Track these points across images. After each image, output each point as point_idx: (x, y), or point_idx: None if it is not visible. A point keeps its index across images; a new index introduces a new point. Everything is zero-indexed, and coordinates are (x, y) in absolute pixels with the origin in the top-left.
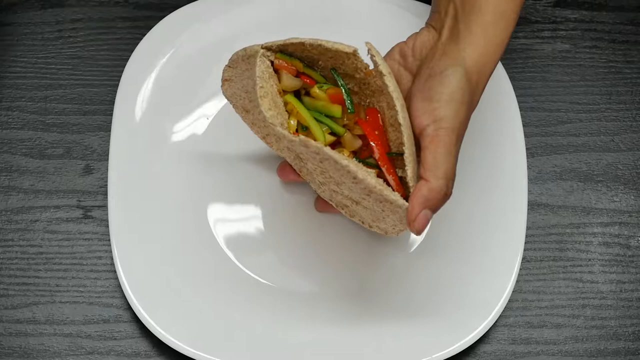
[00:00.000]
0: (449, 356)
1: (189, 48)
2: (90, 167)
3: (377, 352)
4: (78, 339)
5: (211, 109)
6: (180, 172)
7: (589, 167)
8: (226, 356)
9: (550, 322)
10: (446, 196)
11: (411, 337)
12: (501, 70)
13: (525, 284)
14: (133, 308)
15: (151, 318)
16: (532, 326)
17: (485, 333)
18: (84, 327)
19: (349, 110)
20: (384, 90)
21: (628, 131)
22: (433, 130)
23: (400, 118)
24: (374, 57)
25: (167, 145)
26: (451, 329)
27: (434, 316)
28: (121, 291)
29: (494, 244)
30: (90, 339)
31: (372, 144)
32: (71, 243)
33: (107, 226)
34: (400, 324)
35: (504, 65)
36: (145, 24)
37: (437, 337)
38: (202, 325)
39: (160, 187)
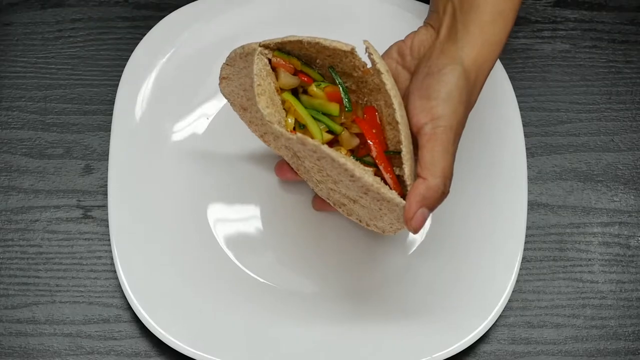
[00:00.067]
0: (449, 356)
1: (189, 48)
2: (90, 167)
3: (377, 352)
4: (78, 339)
5: (211, 108)
6: (180, 172)
7: (588, 167)
8: (226, 356)
9: (550, 322)
10: (443, 194)
11: (411, 337)
12: (501, 70)
13: (525, 284)
14: (133, 308)
15: (151, 318)
16: (532, 326)
17: (485, 333)
18: (84, 327)
19: (346, 109)
20: (382, 88)
21: (628, 131)
22: (431, 129)
23: (398, 116)
24: (372, 56)
25: (167, 145)
26: (451, 329)
27: (433, 316)
28: (121, 291)
29: (494, 244)
30: (90, 339)
31: (370, 142)
32: (71, 243)
33: (107, 226)
34: (400, 324)
35: (504, 65)
36: (145, 24)
37: (437, 337)
38: (202, 325)
39: (160, 187)
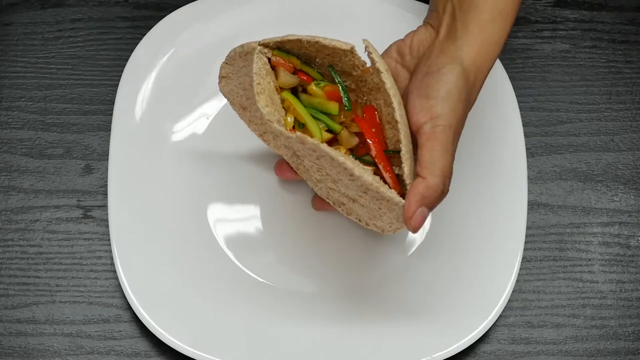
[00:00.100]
0: (448, 356)
1: (189, 48)
2: (90, 167)
3: (377, 352)
4: (78, 338)
5: (211, 108)
6: (180, 172)
7: (588, 167)
8: (226, 356)
9: (550, 322)
10: (443, 194)
11: (411, 337)
12: (501, 70)
13: (525, 284)
14: (133, 308)
15: (151, 318)
16: (532, 326)
17: (485, 333)
18: (84, 327)
19: (346, 108)
20: (381, 87)
21: (628, 131)
22: (430, 128)
23: (397, 115)
24: (372, 55)
25: (167, 145)
26: (451, 329)
27: (433, 316)
28: (121, 291)
29: (494, 244)
30: (90, 339)
31: (369, 141)
32: (71, 243)
33: (107, 226)
34: (400, 324)
35: (504, 65)
36: (145, 23)
37: (437, 337)
38: (202, 325)
39: (160, 187)
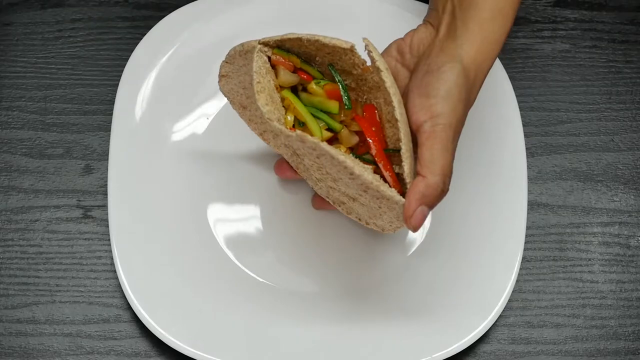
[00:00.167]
0: (448, 356)
1: (189, 48)
2: (90, 167)
3: (377, 352)
4: (78, 338)
5: (211, 108)
6: (180, 172)
7: (588, 167)
8: (226, 356)
9: (550, 322)
10: (443, 192)
11: (411, 337)
12: (501, 70)
13: (525, 284)
14: (133, 308)
15: (151, 318)
16: (532, 326)
17: (485, 333)
18: (84, 327)
19: (346, 107)
20: (381, 86)
21: (628, 131)
22: (430, 127)
23: (397, 114)
24: (371, 53)
25: (167, 145)
26: (451, 329)
27: (433, 315)
28: (121, 291)
29: (494, 244)
30: (90, 339)
31: (369, 140)
32: (71, 243)
33: (107, 226)
34: (400, 324)
35: (504, 65)
36: (145, 23)
37: (437, 337)
38: (202, 325)
39: (160, 187)
